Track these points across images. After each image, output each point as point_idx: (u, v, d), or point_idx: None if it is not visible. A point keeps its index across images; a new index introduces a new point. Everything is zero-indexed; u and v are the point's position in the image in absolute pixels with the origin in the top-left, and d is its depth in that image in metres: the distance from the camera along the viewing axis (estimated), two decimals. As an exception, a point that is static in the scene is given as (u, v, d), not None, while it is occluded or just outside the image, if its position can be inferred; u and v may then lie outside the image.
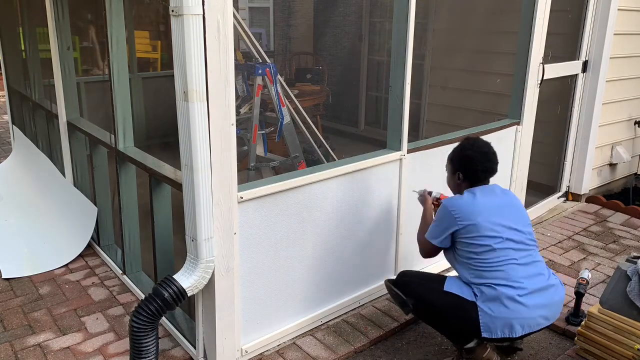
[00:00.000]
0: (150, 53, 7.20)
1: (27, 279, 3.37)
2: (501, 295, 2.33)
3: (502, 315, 2.33)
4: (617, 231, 4.19)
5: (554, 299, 2.42)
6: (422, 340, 2.86)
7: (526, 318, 2.35)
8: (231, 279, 2.43)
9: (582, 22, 4.31)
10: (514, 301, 2.33)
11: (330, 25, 7.37)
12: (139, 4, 6.29)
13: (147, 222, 2.96)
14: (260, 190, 2.48)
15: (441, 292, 2.45)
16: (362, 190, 2.94)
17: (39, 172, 4.43)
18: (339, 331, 2.88)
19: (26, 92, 4.84)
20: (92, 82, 5.68)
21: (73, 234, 3.71)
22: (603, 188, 5.04)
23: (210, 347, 2.53)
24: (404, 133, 3.03)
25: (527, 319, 2.35)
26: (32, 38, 4.56)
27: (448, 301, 2.42)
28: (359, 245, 3.01)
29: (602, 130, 4.65)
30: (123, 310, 3.04)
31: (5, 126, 7.48)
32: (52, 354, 2.67)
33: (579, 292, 2.88)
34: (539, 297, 2.37)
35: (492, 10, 4.75)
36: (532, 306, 2.35)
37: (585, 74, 4.44)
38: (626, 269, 2.53)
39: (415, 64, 2.99)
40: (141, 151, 3.08)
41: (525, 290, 2.35)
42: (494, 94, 4.78)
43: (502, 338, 2.37)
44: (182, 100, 2.13)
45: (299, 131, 4.22)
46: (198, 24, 2.04)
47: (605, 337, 2.58)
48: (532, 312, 2.35)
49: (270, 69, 3.91)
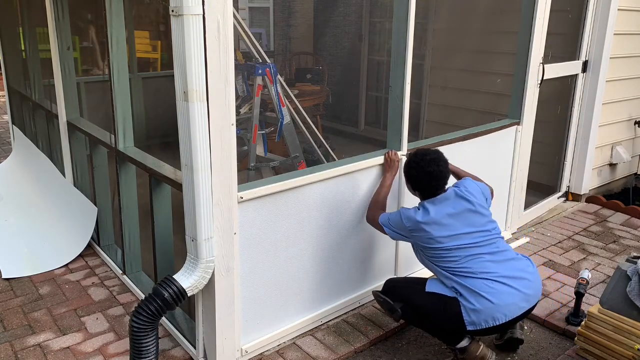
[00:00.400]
0: (150, 53, 7.20)
1: (27, 279, 3.37)
2: (477, 287, 2.41)
3: (482, 306, 2.40)
4: (617, 231, 4.19)
5: (530, 281, 2.48)
6: (422, 340, 2.87)
7: (507, 305, 2.41)
8: (231, 278, 2.43)
9: (582, 22, 4.31)
10: (491, 291, 2.40)
11: (330, 25, 7.37)
12: (139, 4, 6.29)
13: (147, 222, 2.96)
14: (260, 190, 2.48)
15: (423, 293, 2.54)
16: (362, 190, 2.94)
17: (39, 172, 4.43)
18: (339, 331, 2.88)
19: (26, 92, 4.84)
20: (92, 82, 5.68)
21: (73, 234, 3.71)
22: (603, 188, 5.04)
23: (210, 347, 2.53)
24: (404, 133, 3.03)
25: (507, 306, 2.41)
26: (32, 38, 4.56)
27: (431, 300, 2.50)
28: (359, 245, 3.01)
29: (602, 130, 4.65)
30: (123, 310, 3.04)
31: (5, 126, 7.48)
32: (52, 354, 2.67)
33: (579, 292, 2.88)
34: (514, 282, 2.44)
35: (492, 10, 4.75)
36: (510, 293, 2.42)
37: (585, 74, 4.44)
38: (626, 269, 2.53)
39: (415, 64, 2.99)
40: (141, 151, 3.08)
41: (499, 278, 2.42)
42: (494, 94, 4.77)
43: (489, 329, 2.42)
44: (182, 100, 2.13)
45: (299, 131, 4.22)
46: (198, 24, 2.04)
47: (605, 337, 2.58)
48: (510, 298, 2.41)
49: (270, 69, 3.91)
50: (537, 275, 2.53)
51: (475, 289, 2.40)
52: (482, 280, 2.41)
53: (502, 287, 2.41)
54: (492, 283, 2.41)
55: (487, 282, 2.41)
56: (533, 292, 2.48)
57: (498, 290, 2.40)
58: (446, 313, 2.46)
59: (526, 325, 2.99)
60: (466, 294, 2.42)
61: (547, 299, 3.17)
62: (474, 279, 2.42)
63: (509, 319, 2.42)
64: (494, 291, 2.39)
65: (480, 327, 2.42)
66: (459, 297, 2.44)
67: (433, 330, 2.59)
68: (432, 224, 2.48)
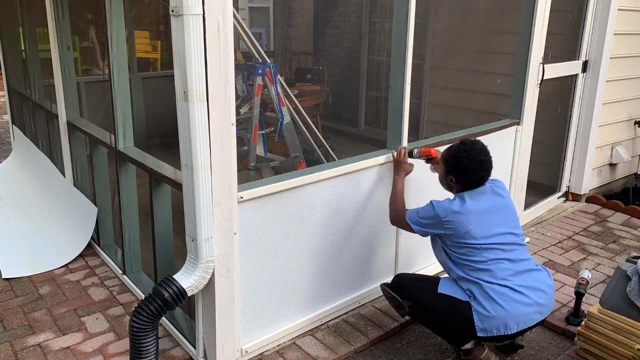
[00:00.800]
0: (150, 53, 7.20)
1: (27, 279, 3.37)
2: (494, 292, 2.36)
3: (496, 313, 2.35)
4: (617, 231, 4.19)
5: (546, 294, 2.44)
6: (422, 340, 2.86)
7: (520, 315, 2.37)
8: (231, 279, 2.43)
9: (582, 22, 4.31)
10: (507, 299, 2.35)
11: (330, 25, 7.37)
12: (139, 4, 6.29)
13: (147, 222, 2.96)
14: (260, 190, 2.48)
15: (435, 294, 2.48)
16: (362, 190, 2.94)
17: (39, 172, 4.43)
18: (339, 331, 2.88)
19: (26, 92, 4.84)
20: (92, 82, 5.67)
21: (73, 234, 3.71)
22: (603, 188, 5.04)
23: (210, 347, 2.53)
24: (404, 133, 3.03)
25: (521, 316, 2.37)
26: (32, 38, 4.56)
27: (442, 302, 2.45)
28: (359, 245, 3.01)
29: (602, 130, 4.65)
30: (123, 310, 3.04)
31: (5, 126, 7.48)
32: (52, 354, 2.67)
33: (579, 292, 2.88)
34: (532, 293, 2.39)
35: (492, 10, 4.75)
36: (525, 303, 2.37)
37: (585, 74, 4.44)
38: (626, 269, 2.53)
39: (415, 64, 2.98)
40: (141, 151, 3.08)
41: (518, 287, 2.37)
42: (494, 94, 4.77)
43: (498, 336, 2.39)
44: (182, 100, 2.13)
45: (299, 131, 4.22)
46: (198, 24, 2.04)
47: (605, 337, 2.58)
48: (525, 308, 2.37)
49: (270, 69, 3.91)
50: (553, 289, 2.49)
51: (493, 294, 2.35)
52: (501, 287, 2.36)
53: (519, 297, 2.36)
54: (510, 291, 2.36)
55: (505, 290, 2.36)
56: (547, 304, 2.45)
57: (515, 299, 2.35)
58: (457, 317, 2.41)
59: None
60: (481, 298, 2.37)
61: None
62: (493, 285, 2.37)
63: (521, 328, 2.39)
64: (510, 300, 2.35)
65: (491, 334, 2.38)
66: (472, 301, 2.39)
67: (440, 331, 2.55)
68: (469, 214, 2.41)
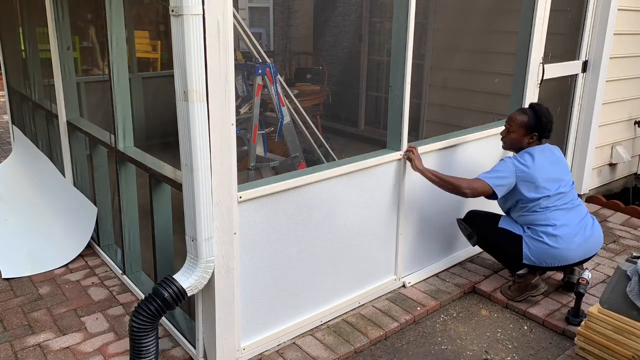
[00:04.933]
0: (150, 53, 7.19)
1: (27, 279, 3.38)
2: (543, 236, 2.92)
3: (541, 251, 2.94)
4: (617, 231, 4.19)
5: (594, 236, 2.99)
6: (422, 340, 2.87)
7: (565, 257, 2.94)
8: (231, 279, 2.44)
9: (582, 22, 4.31)
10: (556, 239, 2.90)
11: (330, 25, 7.37)
12: (139, 4, 6.29)
13: (147, 222, 2.96)
14: (260, 190, 2.48)
15: (495, 227, 3.11)
16: (362, 190, 2.94)
17: (39, 172, 4.43)
18: (339, 331, 2.88)
19: (26, 92, 4.84)
20: (92, 82, 5.67)
21: (73, 234, 3.71)
22: (603, 188, 5.04)
23: (210, 347, 2.53)
24: (404, 133, 3.03)
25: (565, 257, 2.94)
26: (32, 38, 4.56)
27: (500, 234, 3.08)
28: (359, 245, 3.01)
29: (602, 130, 4.65)
30: (123, 310, 3.04)
31: (5, 126, 7.48)
32: (52, 354, 2.67)
33: (579, 292, 2.88)
34: (578, 237, 2.93)
35: (492, 10, 4.74)
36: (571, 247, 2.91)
37: (585, 73, 4.44)
38: (626, 269, 2.52)
39: (415, 63, 2.99)
40: (141, 151, 3.08)
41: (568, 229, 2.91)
42: (493, 94, 4.77)
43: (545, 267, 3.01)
44: (182, 100, 2.13)
45: (299, 131, 4.22)
46: (198, 24, 2.04)
47: (605, 337, 2.58)
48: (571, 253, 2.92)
49: (270, 69, 3.91)
50: (600, 232, 3.04)
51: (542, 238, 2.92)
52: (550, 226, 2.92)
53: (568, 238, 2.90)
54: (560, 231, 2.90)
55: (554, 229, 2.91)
56: (592, 246, 2.98)
57: (563, 239, 2.90)
58: (510, 246, 3.03)
59: (525, 325, 2.99)
60: (531, 238, 2.95)
61: (547, 299, 3.17)
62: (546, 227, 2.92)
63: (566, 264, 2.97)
64: (559, 240, 2.90)
65: (536, 264, 2.98)
66: (524, 236, 2.98)
67: (498, 257, 3.21)
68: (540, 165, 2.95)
